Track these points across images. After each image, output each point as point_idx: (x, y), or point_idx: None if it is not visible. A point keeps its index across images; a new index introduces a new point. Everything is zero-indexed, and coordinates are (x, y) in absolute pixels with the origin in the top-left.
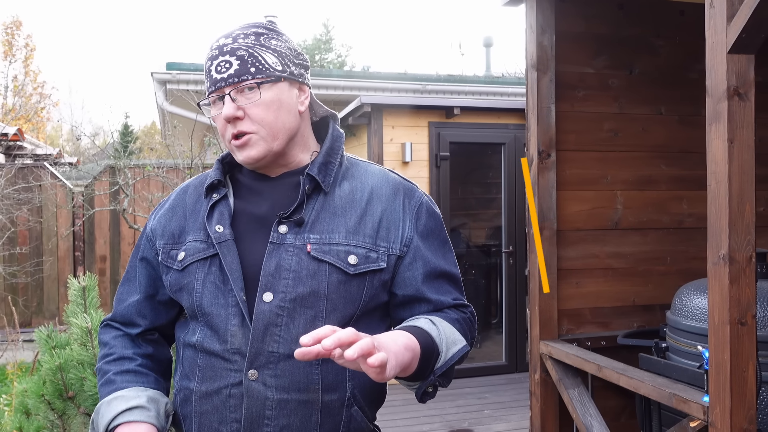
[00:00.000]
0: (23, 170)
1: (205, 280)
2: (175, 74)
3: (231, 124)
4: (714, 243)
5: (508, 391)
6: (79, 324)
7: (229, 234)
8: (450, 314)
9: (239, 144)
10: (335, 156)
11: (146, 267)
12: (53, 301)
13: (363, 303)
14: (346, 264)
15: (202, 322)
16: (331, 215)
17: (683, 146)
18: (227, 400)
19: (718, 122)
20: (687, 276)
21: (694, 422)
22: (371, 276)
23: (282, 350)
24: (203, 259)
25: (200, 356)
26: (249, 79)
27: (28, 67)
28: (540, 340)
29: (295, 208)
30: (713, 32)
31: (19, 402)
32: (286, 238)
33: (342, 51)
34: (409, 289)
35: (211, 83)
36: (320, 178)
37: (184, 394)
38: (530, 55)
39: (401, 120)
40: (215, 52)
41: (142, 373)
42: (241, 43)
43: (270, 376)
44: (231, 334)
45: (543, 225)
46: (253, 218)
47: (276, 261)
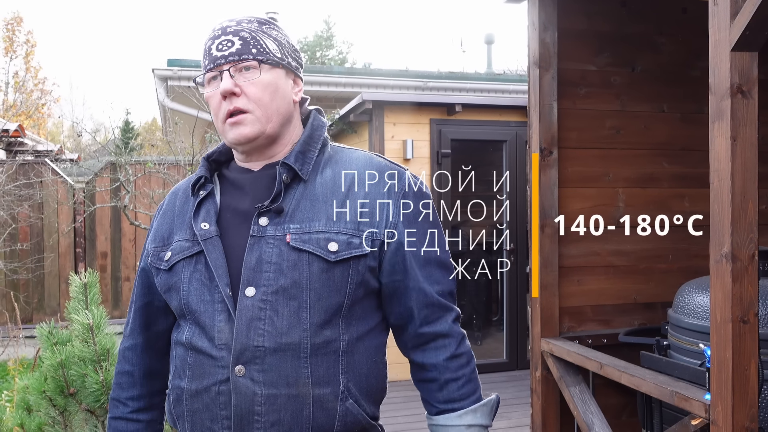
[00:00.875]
0: (24, 166)
1: (191, 278)
2: (177, 71)
3: (227, 101)
4: (716, 241)
5: (509, 388)
6: (80, 321)
7: (215, 231)
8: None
9: (234, 121)
10: (315, 144)
11: (142, 276)
12: (54, 298)
13: (350, 291)
14: (327, 252)
15: (190, 320)
16: (311, 203)
17: (685, 144)
18: (216, 398)
19: (721, 120)
20: (688, 274)
21: (695, 420)
22: (355, 262)
23: (267, 344)
24: (189, 257)
25: (190, 354)
26: (249, 59)
27: (28, 64)
28: (541, 338)
29: (273, 198)
30: (717, 29)
31: (21, 398)
32: (266, 231)
33: (343, 48)
34: (396, 275)
35: (210, 60)
36: (297, 166)
37: (176, 394)
38: (532, 53)
39: (403, 117)
40: (218, 32)
41: (132, 420)
42: (245, 26)
43: (257, 371)
44: (218, 330)
45: (545, 222)
46: (237, 213)
47: (257, 254)
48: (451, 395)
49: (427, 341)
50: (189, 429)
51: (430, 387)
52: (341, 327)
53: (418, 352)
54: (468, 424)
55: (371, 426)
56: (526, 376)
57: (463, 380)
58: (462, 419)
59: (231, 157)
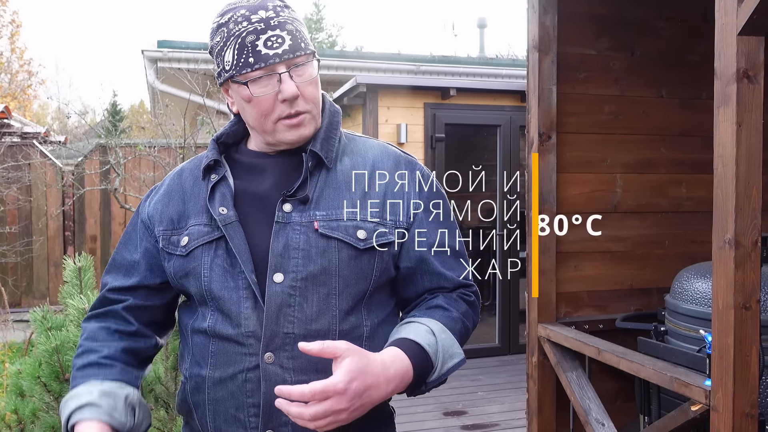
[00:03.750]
0: (12, 148)
1: (213, 264)
2: (167, 52)
3: (285, 104)
4: (719, 227)
5: (502, 373)
6: (75, 305)
7: (234, 215)
8: (454, 307)
9: (295, 123)
10: (335, 131)
11: (142, 250)
12: (43, 281)
13: (375, 278)
14: (356, 239)
15: (212, 306)
16: (335, 191)
17: (683, 129)
18: (243, 385)
19: (726, 105)
20: (685, 260)
21: (695, 406)
22: (381, 250)
23: (297, 331)
24: (209, 242)
25: (212, 342)
26: (302, 55)
27: (14, 44)
28: (538, 323)
29: (299, 186)
30: (723, 13)
31: (13, 383)
32: (291, 217)
33: (333, 31)
34: (413, 261)
35: (260, 59)
36: (323, 153)
37: (195, 382)
38: (532, 36)
39: (397, 101)
40: (260, 25)
41: (104, 365)
42: (286, 17)
43: (287, 358)
44: (245, 317)
45: (543, 208)
46: (254, 198)
47: (284, 240)
48: (431, 314)
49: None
50: (210, 418)
51: (416, 304)
52: (363, 313)
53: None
54: (430, 328)
55: (387, 408)
56: (518, 361)
57: (454, 316)
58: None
59: (240, 139)
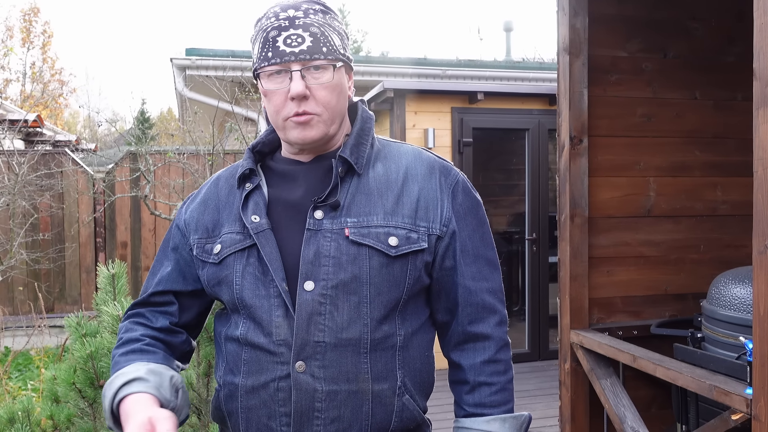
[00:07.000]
0: (45, 156)
1: (245, 272)
2: (195, 60)
3: (293, 102)
4: (760, 231)
5: (532, 379)
6: (109, 312)
7: (266, 223)
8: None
9: (301, 121)
10: (366, 137)
11: (176, 257)
12: (75, 287)
13: (408, 286)
14: (387, 246)
15: (244, 314)
16: (366, 197)
17: (718, 132)
18: (275, 394)
19: (765, 106)
20: (720, 264)
21: (736, 415)
22: (413, 257)
23: (328, 339)
24: (240, 250)
25: (245, 350)
26: (320, 59)
27: (45, 54)
28: (570, 329)
29: (330, 192)
30: (762, 12)
31: (48, 389)
32: (323, 224)
33: (358, 36)
34: (445, 270)
35: (276, 55)
36: (353, 159)
37: (229, 390)
38: (562, 38)
39: (424, 105)
40: (284, 22)
41: (147, 351)
42: (314, 19)
43: (318, 367)
44: (276, 326)
45: (574, 212)
46: (287, 205)
47: (314, 248)
48: (482, 399)
49: (467, 341)
50: (243, 426)
51: (462, 388)
52: (397, 322)
53: (456, 351)
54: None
55: (423, 421)
56: (548, 367)
57: (496, 387)
58: (489, 425)
59: (276, 147)
